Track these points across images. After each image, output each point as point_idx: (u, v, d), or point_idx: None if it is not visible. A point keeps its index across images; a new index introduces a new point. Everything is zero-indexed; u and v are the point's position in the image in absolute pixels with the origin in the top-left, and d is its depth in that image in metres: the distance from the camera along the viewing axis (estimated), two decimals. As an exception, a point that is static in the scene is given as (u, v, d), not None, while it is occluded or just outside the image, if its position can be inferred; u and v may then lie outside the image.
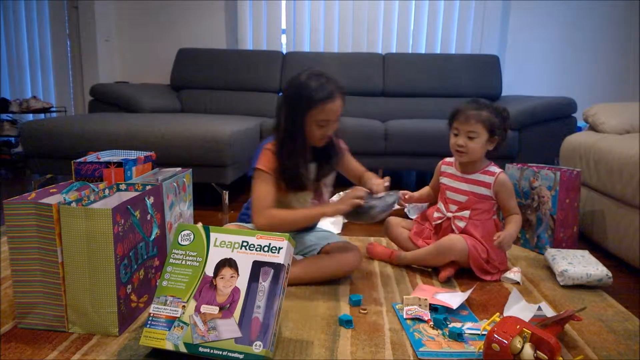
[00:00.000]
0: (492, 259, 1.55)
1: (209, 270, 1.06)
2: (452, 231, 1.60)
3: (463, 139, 1.55)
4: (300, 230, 1.60)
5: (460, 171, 1.64)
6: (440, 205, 1.67)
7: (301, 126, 1.39)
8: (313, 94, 1.35)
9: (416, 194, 1.76)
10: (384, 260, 1.69)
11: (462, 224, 1.59)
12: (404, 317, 1.25)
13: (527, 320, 1.14)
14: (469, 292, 1.37)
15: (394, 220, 1.77)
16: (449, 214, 1.62)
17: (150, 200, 1.27)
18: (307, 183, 1.45)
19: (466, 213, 1.58)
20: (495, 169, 1.60)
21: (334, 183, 1.63)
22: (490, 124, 1.53)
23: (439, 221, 1.65)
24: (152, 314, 1.04)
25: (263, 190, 1.43)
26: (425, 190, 1.79)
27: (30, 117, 3.94)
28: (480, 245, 1.53)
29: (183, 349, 0.99)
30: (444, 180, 1.67)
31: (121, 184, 1.34)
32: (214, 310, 1.02)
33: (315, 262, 1.48)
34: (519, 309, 1.26)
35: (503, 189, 1.57)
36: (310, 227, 1.63)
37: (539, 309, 1.22)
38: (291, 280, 1.34)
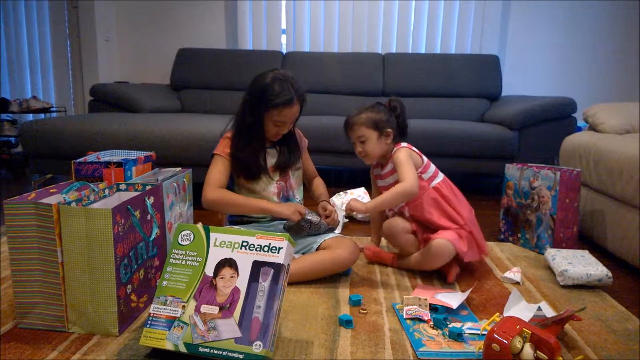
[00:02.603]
0: (459, 215, 1.56)
1: (209, 270, 1.06)
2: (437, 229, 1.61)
3: (358, 145, 1.59)
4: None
5: (380, 168, 1.66)
6: None
7: (259, 122, 1.53)
8: (274, 97, 1.48)
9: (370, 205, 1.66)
10: (385, 264, 1.68)
11: (406, 213, 1.64)
12: (404, 317, 1.25)
13: (527, 320, 1.14)
14: (468, 291, 1.37)
15: (397, 228, 1.61)
16: (395, 209, 1.67)
17: (150, 200, 1.27)
18: (260, 172, 1.57)
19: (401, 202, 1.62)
20: (395, 149, 1.58)
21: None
22: (373, 123, 1.55)
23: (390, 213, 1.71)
24: (152, 314, 1.04)
25: (216, 169, 1.56)
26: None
27: (30, 117, 3.95)
28: (456, 230, 1.54)
29: (183, 349, 0.99)
30: (377, 182, 1.70)
31: (121, 184, 1.34)
32: (214, 310, 1.02)
33: (312, 258, 1.49)
34: (519, 309, 1.26)
35: (394, 162, 1.55)
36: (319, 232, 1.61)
37: (539, 309, 1.22)
38: (290, 278, 1.34)
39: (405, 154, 1.54)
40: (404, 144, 1.59)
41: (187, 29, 3.96)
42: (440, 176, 1.62)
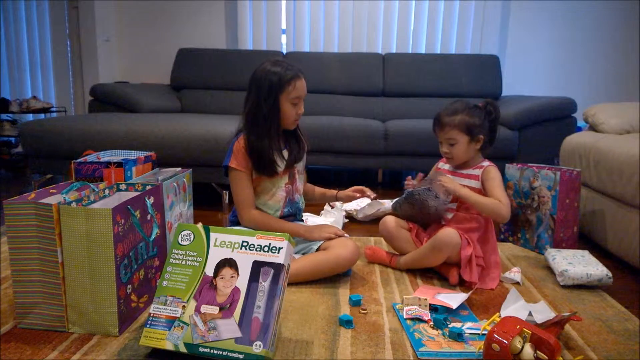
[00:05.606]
0: (479, 255, 1.53)
1: (209, 270, 1.06)
2: (440, 225, 1.62)
3: (445, 146, 1.59)
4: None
5: (454, 167, 1.66)
6: None
7: (276, 109, 1.51)
8: (283, 75, 1.49)
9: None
10: (383, 265, 1.67)
11: (449, 215, 1.61)
12: (404, 317, 1.25)
13: (523, 319, 1.14)
14: (470, 292, 1.37)
15: (391, 222, 1.69)
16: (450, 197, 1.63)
17: (150, 200, 1.27)
18: (279, 169, 1.56)
19: (453, 205, 1.60)
20: (486, 163, 1.59)
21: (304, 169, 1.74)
22: (467, 127, 1.53)
23: None
24: (152, 314, 1.04)
25: (241, 186, 1.55)
26: None
27: (30, 117, 3.95)
28: (471, 242, 1.53)
29: (183, 349, 0.99)
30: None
31: (121, 184, 1.34)
32: (214, 310, 1.02)
33: (313, 259, 1.48)
34: (517, 307, 1.26)
35: (489, 177, 1.55)
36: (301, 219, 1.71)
37: (530, 314, 1.21)
38: (291, 278, 1.34)
39: (499, 175, 1.55)
40: (492, 164, 1.59)
41: (187, 29, 3.96)
42: None
